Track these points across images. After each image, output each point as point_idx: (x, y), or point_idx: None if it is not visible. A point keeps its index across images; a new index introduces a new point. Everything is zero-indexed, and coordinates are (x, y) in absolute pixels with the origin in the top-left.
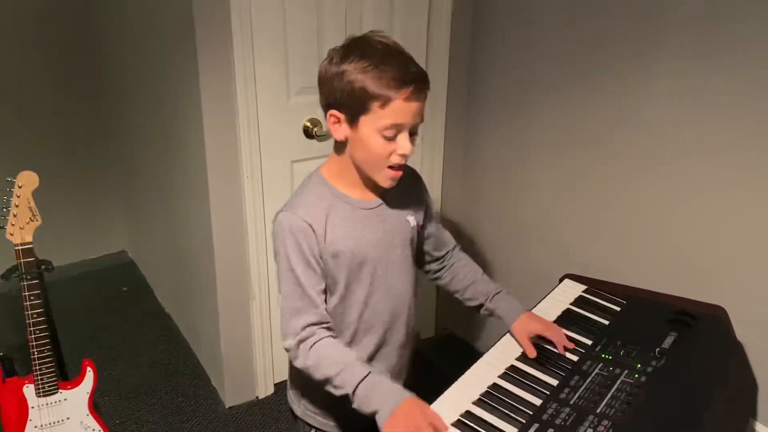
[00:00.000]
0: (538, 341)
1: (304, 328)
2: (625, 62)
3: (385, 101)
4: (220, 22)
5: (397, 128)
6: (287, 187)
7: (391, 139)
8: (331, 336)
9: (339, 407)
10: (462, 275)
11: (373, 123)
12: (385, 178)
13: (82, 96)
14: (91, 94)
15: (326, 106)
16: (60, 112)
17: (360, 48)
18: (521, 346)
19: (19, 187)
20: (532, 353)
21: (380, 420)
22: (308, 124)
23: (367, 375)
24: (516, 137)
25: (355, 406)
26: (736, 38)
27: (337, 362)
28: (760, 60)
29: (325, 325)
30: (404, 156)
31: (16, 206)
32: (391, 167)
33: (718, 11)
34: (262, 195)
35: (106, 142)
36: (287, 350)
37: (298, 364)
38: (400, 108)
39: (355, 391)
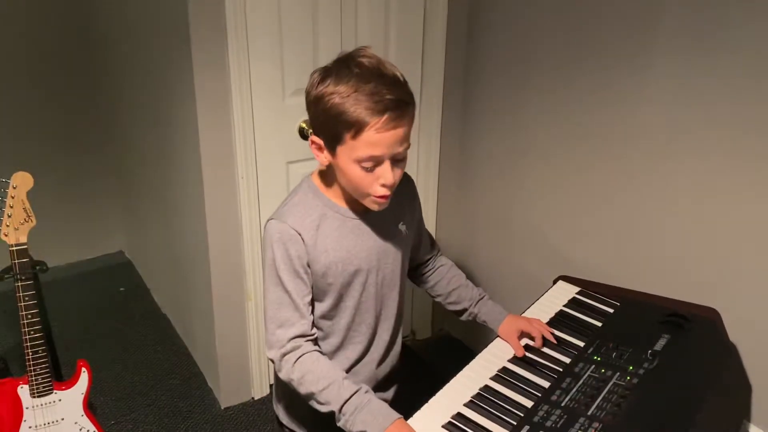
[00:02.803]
0: (531, 342)
1: (289, 340)
2: (619, 65)
3: (357, 132)
4: (215, 23)
5: (374, 160)
6: (282, 188)
7: (369, 170)
8: (317, 350)
9: (324, 416)
10: (446, 280)
11: (349, 153)
12: (371, 204)
13: (79, 97)
14: (88, 94)
15: (312, 129)
16: (57, 113)
17: (338, 71)
18: (510, 345)
19: (14, 188)
20: (521, 352)
21: None
22: (303, 125)
23: (355, 393)
24: (512, 142)
25: (340, 424)
26: (729, 40)
27: (323, 378)
28: (754, 62)
29: (310, 338)
30: (386, 187)
31: (11, 207)
32: (374, 195)
33: (711, 12)
34: (257, 196)
35: (103, 142)
36: (271, 361)
37: (282, 376)
38: (373, 139)
39: (341, 408)
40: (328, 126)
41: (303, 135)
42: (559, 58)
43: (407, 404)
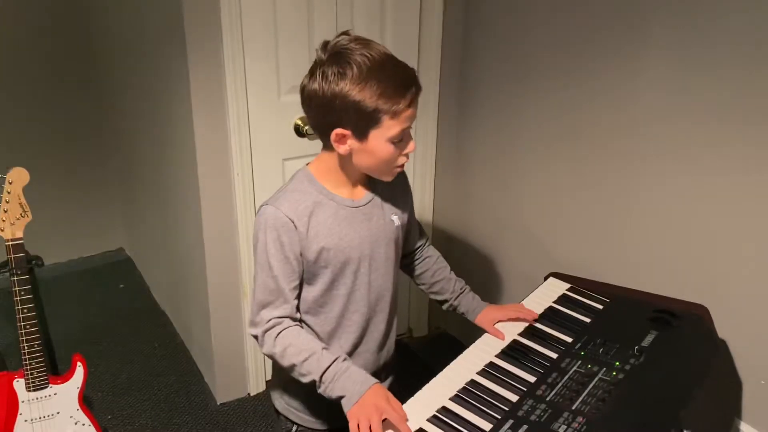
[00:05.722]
0: (518, 337)
1: (271, 319)
2: (613, 61)
3: (395, 113)
4: (210, 20)
5: (404, 133)
6: (278, 184)
7: (399, 142)
8: (297, 325)
9: (319, 403)
10: (431, 271)
11: (384, 134)
12: (390, 176)
13: (79, 95)
14: (87, 93)
15: (326, 125)
16: (58, 111)
17: (352, 61)
18: (490, 334)
19: (10, 183)
20: (502, 337)
21: (346, 405)
22: (299, 122)
23: (334, 361)
24: (506, 137)
25: (320, 391)
26: (721, 37)
27: (303, 350)
28: (749, 57)
29: (292, 318)
30: (408, 154)
31: (7, 202)
32: (397, 166)
33: (703, 9)
34: (252, 193)
35: (103, 140)
36: (254, 337)
37: (264, 351)
38: (407, 114)
39: (321, 376)
40: (362, 115)
41: (299, 132)
42: (553, 54)
43: (403, 401)
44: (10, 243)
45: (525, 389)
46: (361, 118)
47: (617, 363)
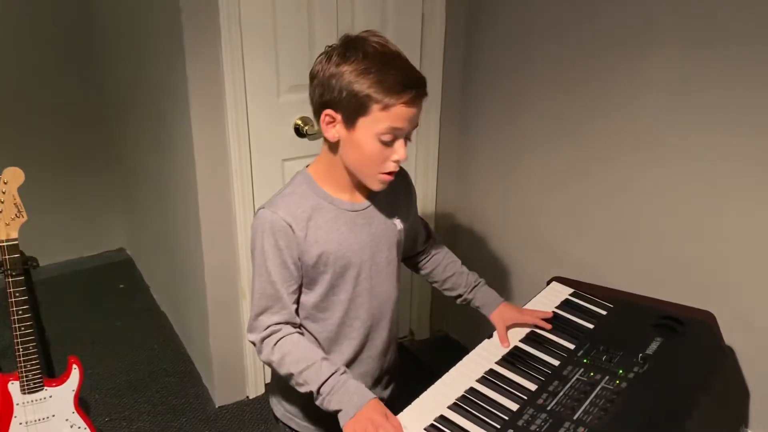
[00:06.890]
0: (520, 344)
1: (270, 325)
2: (616, 65)
3: (386, 105)
4: (208, 19)
5: (395, 133)
6: (278, 185)
7: (388, 144)
8: (297, 332)
9: (318, 410)
10: (442, 267)
11: (371, 126)
12: (376, 182)
13: (79, 94)
14: (87, 92)
15: (320, 105)
16: (58, 111)
17: (361, 49)
18: (499, 335)
19: (5, 183)
20: (506, 344)
21: (342, 420)
22: (299, 122)
23: (333, 374)
24: (509, 139)
25: (317, 403)
26: (726, 46)
27: (301, 359)
28: (749, 67)
29: (291, 324)
30: (398, 162)
31: (1, 202)
32: (383, 172)
33: (709, 16)
34: (251, 193)
35: (105, 138)
36: (252, 343)
37: (262, 358)
38: (400, 112)
39: (319, 388)
40: (353, 99)
41: (299, 133)
42: (556, 58)
43: (404, 405)
44: (5, 244)
45: (525, 398)
46: (351, 102)
47: (621, 371)
